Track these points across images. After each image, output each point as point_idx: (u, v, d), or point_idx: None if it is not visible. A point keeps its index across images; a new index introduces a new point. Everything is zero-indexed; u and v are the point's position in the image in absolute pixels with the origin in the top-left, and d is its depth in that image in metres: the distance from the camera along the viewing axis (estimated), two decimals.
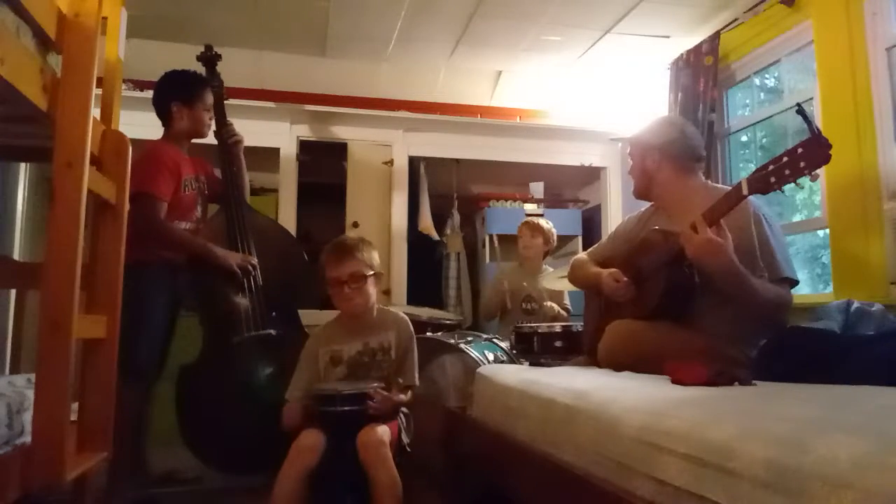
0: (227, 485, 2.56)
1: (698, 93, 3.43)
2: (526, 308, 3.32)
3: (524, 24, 3.57)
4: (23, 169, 3.19)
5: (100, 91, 1.56)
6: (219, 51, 2.91)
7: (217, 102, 2.81)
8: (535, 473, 1.49)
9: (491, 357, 2.57)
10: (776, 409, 1.05)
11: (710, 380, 1.34)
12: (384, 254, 3.85)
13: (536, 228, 3.41)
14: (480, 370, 2.16)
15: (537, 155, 4.40)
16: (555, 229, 3.51)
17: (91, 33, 1.33)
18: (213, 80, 2.83)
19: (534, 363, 2.17)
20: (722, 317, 1.77)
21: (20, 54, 1.16)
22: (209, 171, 2.77)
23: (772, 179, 1.52)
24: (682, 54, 3.62)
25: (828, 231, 2.74)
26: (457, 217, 4.69)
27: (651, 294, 1.88)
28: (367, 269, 2.00)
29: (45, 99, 1.26)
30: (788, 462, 0.81)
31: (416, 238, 4.27)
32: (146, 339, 2.40)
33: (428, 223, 4.37)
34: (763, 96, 3.64)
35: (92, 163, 1.38)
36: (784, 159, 1.50)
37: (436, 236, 4.47)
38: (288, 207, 3.86)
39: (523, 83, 4.36)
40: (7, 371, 2.87)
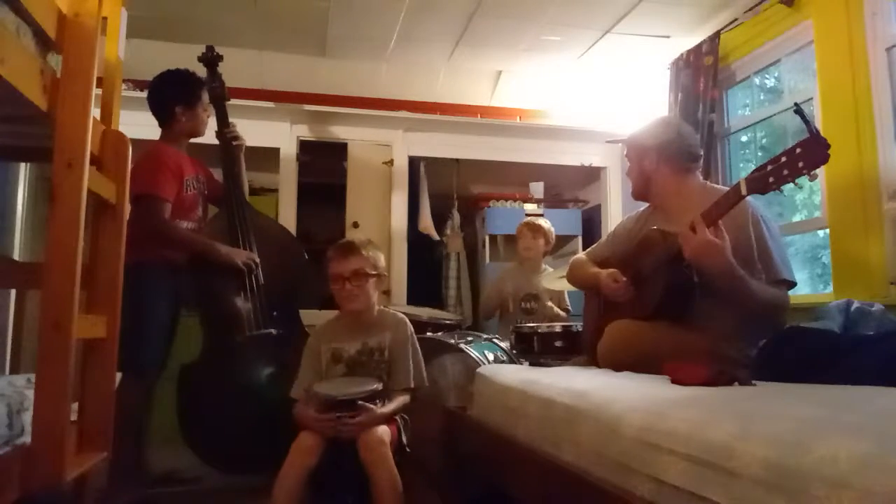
0: (227, 485, 2.55)
1: (698, 93, 3.43)
2: (526, 308, 3.32)
3: (524, 24, 3.57)
4: (23, 169, 3.19)
5: (100, 91, 1.56)
6: (219, 51, 2.90)
7: (219, 103, 2.82)
8: (535, 473, 1.49)
9: (491, 357, 2.57)
10: (776, 409, 1.05)
11: (710, 380, 1.34)
12: (384, 254, 3.84)
13: (538, 230, 3.41)
14: (480, 370, 2.16)
15: (537, 155, 4.40)
16: (553, 229, 3.51)
17: (91, 33, 1.33)
18: (213, 81, 2.83)
19: (534, 363, 2.17)
20: (721, 317, 1.77)
21: (20, 54, 1.16)
22: (207, 172, 2.78)
23: (770, 179, 1.52)
24: (682, 54, 3.62)
25: (828, 231, 2.74)
26: (457, 217, 4.69)
27: (650, 294, 1.88)
28: (370, 268, 2.02)
29: (45, 99, 1.26)
30: (788, 462, 0.81)
31: (416, 238, 4.26)
32: (149, 338, 2.40)
33: (428, 223, 4.37)
34: (763, 96, 3.64)
35: (92, 163, 1.38)
36: (782, 159, 1.50)
37: (436, 236, 4.47)
38: (288, 207, 3.86)
39: (523, 83, 4.36)
40: (7, 371, 2.87)
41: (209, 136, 2.79)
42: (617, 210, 4.37)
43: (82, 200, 1.28)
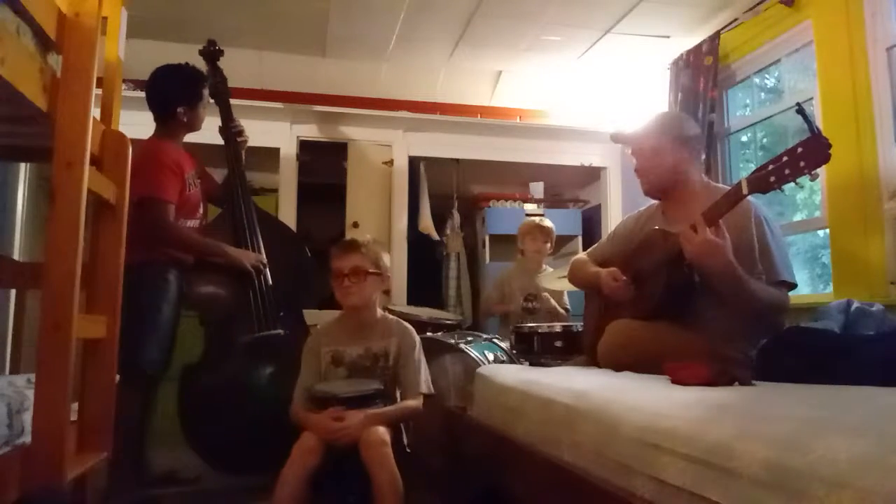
0: (228, 485, 2.55)
1: (698, 93, 3.43)
2: (527, 307, 3.33)
3: (524, 24, 3.57)
4: (23, 169, 3.18)
5: (100, 91, 1.56)
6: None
7: (221, 98, 2.80)
8: (535, 473, 1.49)
9: (491, 357, 2.57)
10: (776, 409, 1.05)
11: (710, 380, 1.34)
12: (384, 254, 3.85)
13: (549, 232, 3.44)
14: (480, 370, 2.16)
15: (537, 155, 4.40)
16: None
17: (91, 33, 1.33)
18: (214, 76, 2.81)
19: (534, 363, 2.17)
20: (722, 317, 1.76)
21: (20, 54, 1.16)
22: (201, 167, 2.74)
23: (771, 179, 1.52)
24: (682, 54, 3.62)
25: (828, 231, 2.74)
26: (457, 217, 4.69)
27: (651, 294, 1.88)
28: (370, 265, 2.02)
29: (45, 99, 1.26)
30: (788, 462, 0.81)
31: (416, 238, 4.26)
32: (155, 339, 2.38)
33: (428, 223, 4.37)
34: (763, 96, 3.64)
35: (92, 163, 1.38)
36: (784, 159, 1.50)
37: (436, 236, 4.46)
38: (288, 207, 3.85)
39: (523, 83, 4.36)
40: (7, 371, 2.87)
41: (209, 136, 2.78)
42: (617, 210, 4.37)
43: (82, 200, 1.28)
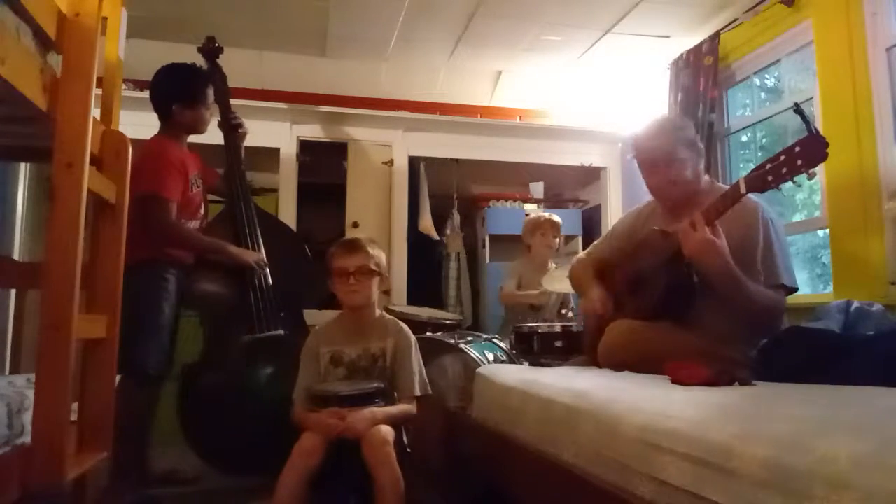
0: (228, 485, 2.55)
1: (698, 93, 3.43)
2: (534, 305, 3.32)
3: (524, 24, 3.57)
4: (23, 169, 3.18)
5: (100, 91, 1.56)
6: None
7: (221, 94, 2.80)
8: (535, 473, 1.49)
9: (491, 357, 2.57)
10: (776, 409, 1.05)
11: (710, 380, 1.34)
12: (384, 254, 3.84)
13: (559, 227, 3.46)
14: (480, 370, 2.16)
15: (537, 155, 4.40)
16: None
17: (91, 33, 1.33)
18: (214, 73, 2.81)
19: (534, 363, 2.17)
20: (722, 317, 1.76)
21: (20, 54, 1.16)
22: (203, 164, 2.73)
23: (769, 178, 1.52)
24: (682, 54, 3.62)
25: (828, 231, 2.74)
26: (457, 217, 4.68)
27: (651, 294, 1.88)
28: (374, 265, 2.02)
29: (45, 99, 1.26)
30: (788, 462, 0.81)
31: (416, 238, 4.26)
32: (157, 339, 2.37)
33: (428, 223, 4.36)
34: (763, 96, 3.65)
35: (92, 163, 1.38)
36: (781, 158, 1.50)
37: (436, 236, 4.46)
38: (288, 207, 3.85)
39: (523, 83, 4.36)
40: (7, 371, 2.87)
41: (209, 136, 2.78)
42: (617, 210, 4.37)
43: (82, 200, 1.28)
